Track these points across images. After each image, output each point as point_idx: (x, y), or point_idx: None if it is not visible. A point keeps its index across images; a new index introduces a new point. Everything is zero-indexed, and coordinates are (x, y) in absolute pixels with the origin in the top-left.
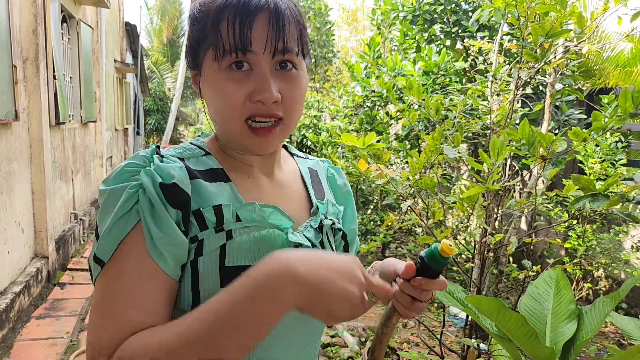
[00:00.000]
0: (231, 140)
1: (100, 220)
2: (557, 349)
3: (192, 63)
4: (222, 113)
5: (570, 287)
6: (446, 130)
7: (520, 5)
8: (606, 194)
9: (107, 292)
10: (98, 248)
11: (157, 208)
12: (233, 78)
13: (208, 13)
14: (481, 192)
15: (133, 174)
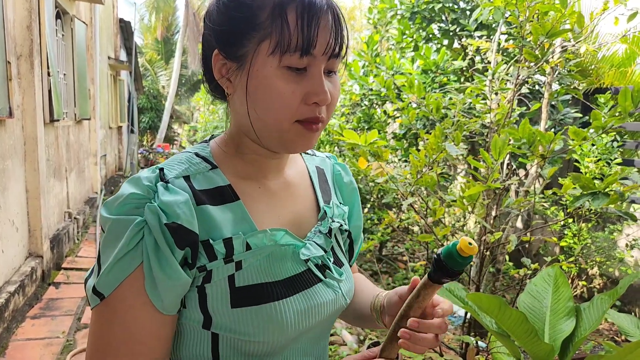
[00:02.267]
0: (271, 139)
1: (103, 249)
2: (556, 346)
3: (230, 53)
4: (273, 111)
5: (568, 284)
6: (446, 128)
7: (521, 4)
8: (606, 192)
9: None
10: (99, 281)
11: (162, 249)
12: (291, 77)
13: (265, 2)
14: (482, 191)
15: (137, 206)
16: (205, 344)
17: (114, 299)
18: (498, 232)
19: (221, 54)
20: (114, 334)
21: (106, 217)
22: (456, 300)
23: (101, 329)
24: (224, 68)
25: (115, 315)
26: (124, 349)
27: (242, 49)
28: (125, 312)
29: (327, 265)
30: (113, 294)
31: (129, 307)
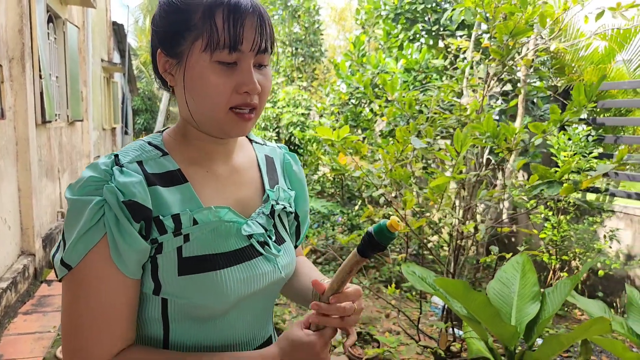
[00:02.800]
0: (209, 125)
1: (67, 227)
2: (521, 328)
3: (170, 51)
4: (208, 101)
5: (534, 271)
6: (420, 124)
7: (488, 6)
8: (560, 181)
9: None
10: (66, 254)
11: (122, 222)
12: (222, 71)
13: (196, 5)
14: (448, 182)
15: (96, 188)
16: (156, 308)
17: (81, 268)
18: (471, 223)
19: (163, 52)
20: (86, 301)
21: (69, 198)
22: (427, 287)
23: (72, 299)
24: (166, 64)
25: (84, 284)
26: (102, 317)
27: (179, 47)
28: (94, 279)
29: (267, 242)
30: (80, 264)
31: (96, 274)
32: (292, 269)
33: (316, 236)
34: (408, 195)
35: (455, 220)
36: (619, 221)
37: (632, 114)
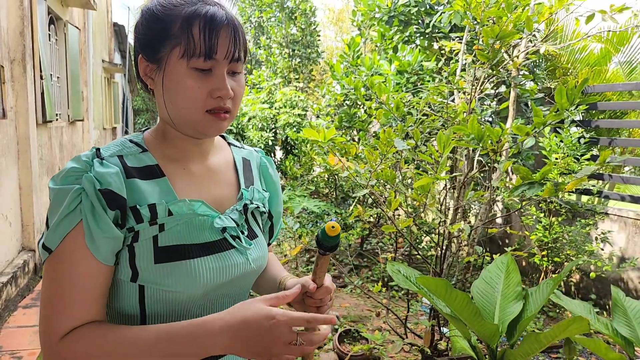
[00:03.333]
0: (187, 126)
1: (50, 214)
2: (504, 327)
3: (150, 57)
4: (185, 104)
5: (518, 271)
6: (408, 126)
7: (475, 10)
8: (541, 182)
9: (54, 285)
10: (47, 238)
11: (97, 210)
12: (198, 77)
13: (175, 16)
14: (432, 182)
15: (77, 177)
16: (133, 295)
17: (59, 251)
18: (457, 224)
19: (144, 58)
20: (61, 282)
21: (51, 187)
22: (412, 286)
23: (50, 280)
24: (147, 68)
25: (61, 266)
26: (69, 295)
27: (159, 53)
28: (70, 262)
29: (238, 235)
30: (59, 247)
31: (72, 257)
32: (264, 263)
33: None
34: (392, 196)
35: (442, 221)
36: (613, 223)
37: (628, 117)
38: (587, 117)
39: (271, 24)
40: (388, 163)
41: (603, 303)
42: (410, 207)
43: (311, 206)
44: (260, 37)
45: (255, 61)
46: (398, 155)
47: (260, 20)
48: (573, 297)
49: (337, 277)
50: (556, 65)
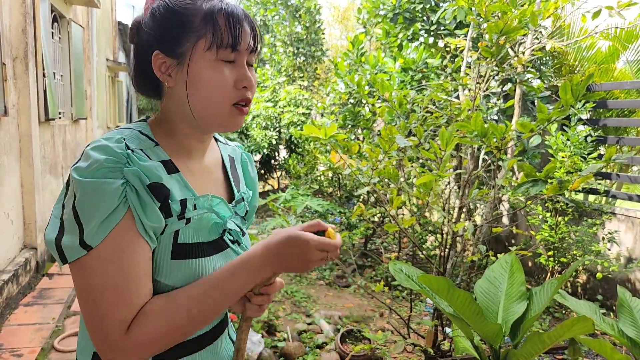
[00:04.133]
0: (212, 120)
1: (82, 208)
2: (507, 327)
3: (170, 51)
4: (214, 97)
5: (522, 270)
6: (411, 123)
7: (479, 5)
8: (545, 180)
9: (105, 279)
10: (87, 235)
11: (147, 203)
12: (224, 68)
13: (196, 9)
14: (434, 179)
15: (112, 170)
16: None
17: (107, 245)
18: (461, 223)
19: (162, 53)
20: (116, 273)
21: (81, 180)
22: (414, 285)
23: (100, 275)
24: (163, 65)
25: (113, 257)
26: (127, 283)
27: (181, 47)
28: (123, 252)
29: (239, 240)
30: (105, 241)
31: (121, 249)
32: None
33: None
34: (394, 194)
35: (446, 220)
36: (620, 223)
37: (636, 115)
38: (595, 116)
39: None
40: (391, 160)
41: (610, 304)
42: (415, 206)
43: (314, 205)
44: (265, 35)
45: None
46: (401, 153)
47: (265, 18)
48: (579, 297)
49: (340, 276)
50: (563, 63)
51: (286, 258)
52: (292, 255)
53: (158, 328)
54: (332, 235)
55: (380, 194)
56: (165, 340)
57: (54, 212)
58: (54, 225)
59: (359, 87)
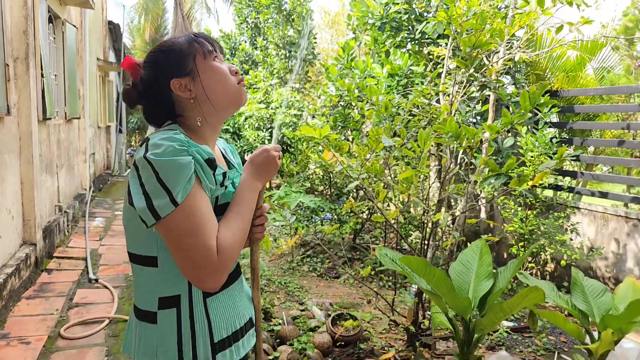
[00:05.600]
0: (229, 100)
1: (166, 179)
2: (476, 302)
3: (182, 73)
4: (225, 83)
5: (490, 253)
6: (395, 125)
7: (455, 21)
8: (506, 174)
9: (197, 221)
10: (177, 195)
11: (207, 171)
12: (219, 64)
13: (180, 43)
14: (414, 174)
15: (181, 151)
16: None
17: (187, 201)
18: (440, 213)
19: (177, 77)
20: (199, 217)
21: (161, 160)
22: (397, 267)
23: (188, 219)
24: (181, 84)
25: (195, 206)
26: (207, 221)
27: (187, 67)
28: (200, 202)
29: None
30: (186, 199)
31: (199, 198)
32: None
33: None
34: (380, 187)
35: (426, 210)
36: (583, 217)
37: (599, 119)
38: (563, 119)
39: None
40: (378, 159)
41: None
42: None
43: (307, 201)
44: (257, 38)
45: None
46: (387, 153)
47: (256, 21)
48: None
49: (331, 268)
50: (534, 71)
51: (259, 165)
52: (261, 161)
53: (231, 243)
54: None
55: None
56: (237, 250)
57: (132, 191)
58: (139, 198)
59: (349, 91)
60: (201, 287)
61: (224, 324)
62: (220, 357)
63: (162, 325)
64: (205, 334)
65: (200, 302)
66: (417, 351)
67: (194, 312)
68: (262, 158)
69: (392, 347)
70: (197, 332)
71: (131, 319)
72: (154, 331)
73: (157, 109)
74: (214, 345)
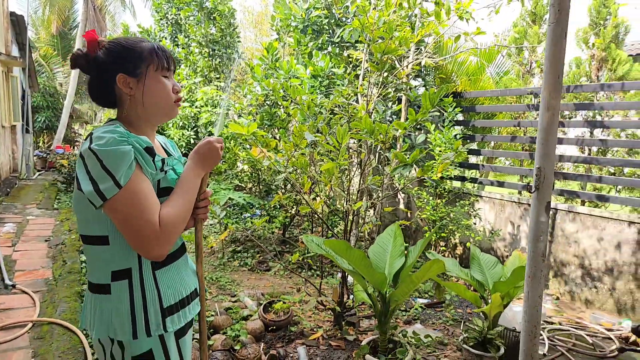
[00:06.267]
0: (161, 113)
1: (109, 165)
2: (390, 277)
3: (131, 73)
4: (163, 98)
5: (402, 235)
6: (318, 123)
7: (367, 29)
8: (412, 164)
9: (139, 200)
10: (118, 179)
11: (145, 157)
12: (166, 80)
13: (142, 47)
14: (334, 166)
15: (122, 141)
16: None
17: (130, 184)
18: (360, 202)
19: (125, 75)
20: (142, 197)
21: (104, 149)
22: (322, 250)
23: (132, 199)
24: (126, 81)
25: (136, 189)
26: (150, 200)
27: (139, 69)
28: (141, 185)
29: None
30: (129, 182)
31: (142, 182)
32: None
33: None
34: (305, 179)
35: (345, 200)
36: (485, 204)
37: (497, 118)
38: (467, 118)
39: (190, 22)
40: (304, 152)
41: None
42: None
43: (237, 198)
44: (178, 35)
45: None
46: (312, 149)
47: (177, 17)
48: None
49: (261, 262)
50: (440, 75)
51: (203, 155)
52: (205, 151)
53: (173, 219)
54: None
55: (296, 183)
56: (180, 225)
57: (79, 177)
58: (87, 183)
59: (274, 91)
60: (147, 257)
61: (171, 293)
62: (169, 321)
63: (116, 295)
64: (155, 301)
65: (149, 273)
66: (342, 329)
67: (144, 282)
68: (206, 148)
69: (320, 328)
70: (147, 300)
71: (86, 295)
72: (108, 301)
73: (96, 87)
74: (163, 311)
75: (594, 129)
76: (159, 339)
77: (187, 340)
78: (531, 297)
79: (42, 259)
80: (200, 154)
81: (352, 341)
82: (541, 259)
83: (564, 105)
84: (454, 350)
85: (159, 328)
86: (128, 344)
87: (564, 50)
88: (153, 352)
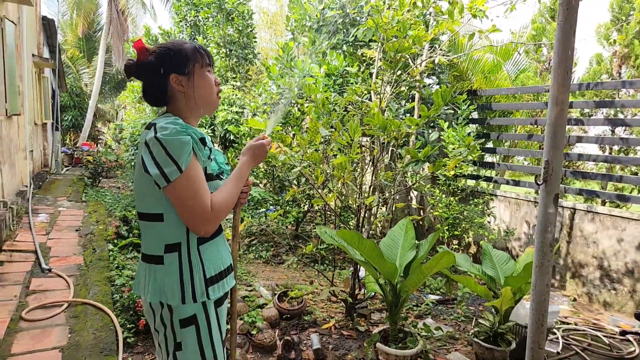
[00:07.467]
0: (209, 106)
1: (173, 152)
2: (401, 268)
3: (182, 72)
4: (210, 93)
5: (413, 229)
6: (332, 120)
7: (381, 28)
8: (424, 160)
9: (195, 184)
10: (180, 164)
11: (199, 147)
12: (210, 75)
13: (187, 48)
14: (346, 160)
15: (183, 132)
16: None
17: (189, 169)
18: (372, 197)
19: (177, 74)
20: (197, 181)
21: (169, 138)
22: (334, 241)
23: (190, 183)
24: (178, 80)
25: (193, 174)
26: (203, 186)
27: (187, 68)
28: (196, 171)
29: (226, 174)
30: (188, 167)
31: (196, 171)
32: None
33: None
34: (318, 173)
35: (357, 194)
36: (500, 203)
37: (513, 116)
38: (482, 116)
39: (208, 24)
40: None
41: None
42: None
43: (253, 193)
44: (197, 36)
45: None
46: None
47: (195, 19)
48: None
49: (275, 255)
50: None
51: (257, 152)
52: (258, 148)
53: (225, 202)
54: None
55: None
56: (228, 208)
57: (146, 162)
58: (153, 167)
59: (290, 90)
60: (198, 233)
61: (212, 265)
62: (211, 290)
63: (168, 265)
64: (200, 271)
65: (195, 248)
66: (354, 320)
67: (191, 255)
68: (259, 146)
69: (332, 318)
70: (194, 270)
71: (140, 265)
72: (160, 270)
73: (152, 90)
74: (206, 281)
75: (615, 127)
76: (202, 306)
77: (223, 309)
78: (538, 285)
79: (73, 246)
80: (254, 151)
81: (363, 332)
82: (549, 249)
83: (583, 103)
84: (465, 345)
85: (203, 295)
86: (176, 308)
87: (573, 46)
88: (197, 316)
